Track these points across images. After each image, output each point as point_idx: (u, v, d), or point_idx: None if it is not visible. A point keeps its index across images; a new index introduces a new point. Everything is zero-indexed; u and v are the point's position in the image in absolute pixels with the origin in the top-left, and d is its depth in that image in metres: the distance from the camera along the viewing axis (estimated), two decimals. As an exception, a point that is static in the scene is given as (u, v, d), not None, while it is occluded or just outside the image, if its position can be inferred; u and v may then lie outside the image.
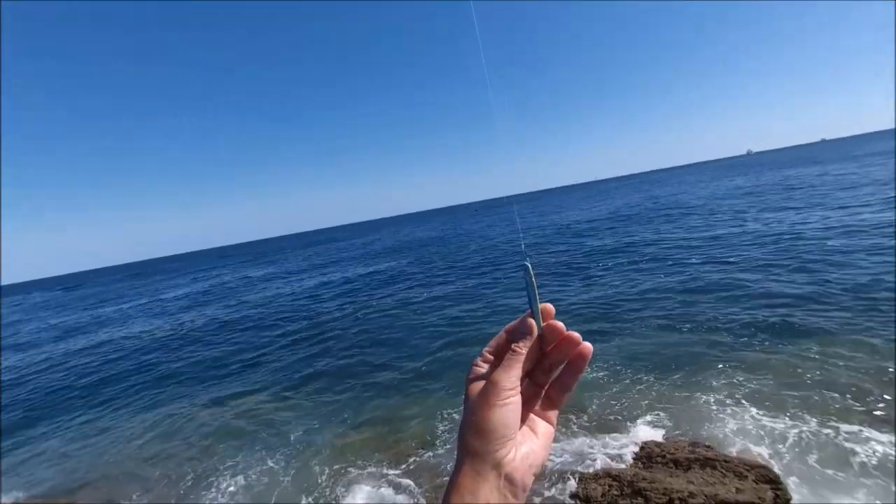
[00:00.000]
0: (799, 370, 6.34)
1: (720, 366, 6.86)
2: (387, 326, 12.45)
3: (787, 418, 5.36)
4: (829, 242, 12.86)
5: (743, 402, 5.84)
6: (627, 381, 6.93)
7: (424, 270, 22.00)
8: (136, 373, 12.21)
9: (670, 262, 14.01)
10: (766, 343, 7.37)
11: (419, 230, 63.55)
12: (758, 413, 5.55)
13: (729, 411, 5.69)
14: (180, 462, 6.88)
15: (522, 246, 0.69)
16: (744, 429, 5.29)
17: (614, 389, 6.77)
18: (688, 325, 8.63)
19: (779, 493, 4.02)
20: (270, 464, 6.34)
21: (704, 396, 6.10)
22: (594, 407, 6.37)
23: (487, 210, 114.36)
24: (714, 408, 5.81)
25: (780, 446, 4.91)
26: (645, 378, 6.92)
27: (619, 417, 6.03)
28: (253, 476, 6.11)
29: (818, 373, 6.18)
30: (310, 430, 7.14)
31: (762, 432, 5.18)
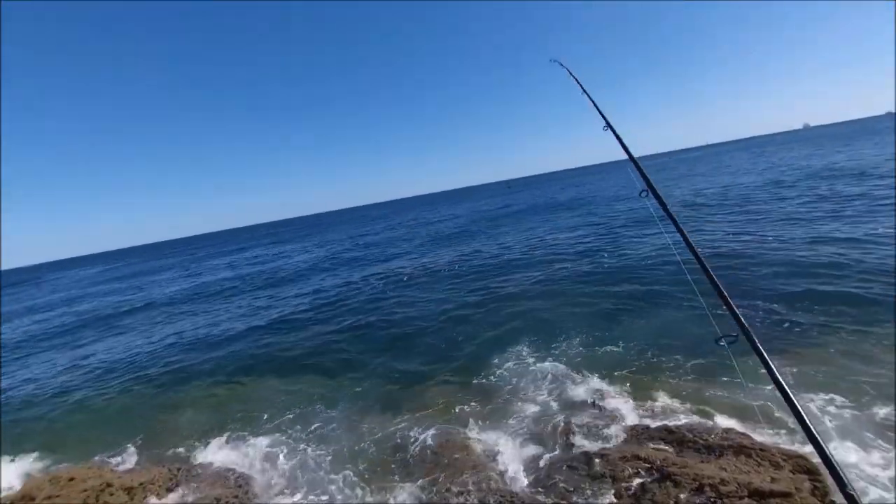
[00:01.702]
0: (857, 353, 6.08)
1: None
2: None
3: (840, 404, 5.17)
4: None
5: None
6: (663, 360, 6.83)
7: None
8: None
9: None
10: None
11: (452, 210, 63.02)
12: (802, 399, 5.33)
13: (766, 396, 5.51)
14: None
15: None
16: (784, 416, 5.11)
17: (646, 368, 6.72)
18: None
19: (817, 484, 3.90)
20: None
21: (739, 379, 5.93)
22: (624, 387, 6.35)
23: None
24: (752, 392, 5.64)
25: (822, 435, 4.73)
26: (680, 358, 6.80)
27: (650, 399, 5.97)
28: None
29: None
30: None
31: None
